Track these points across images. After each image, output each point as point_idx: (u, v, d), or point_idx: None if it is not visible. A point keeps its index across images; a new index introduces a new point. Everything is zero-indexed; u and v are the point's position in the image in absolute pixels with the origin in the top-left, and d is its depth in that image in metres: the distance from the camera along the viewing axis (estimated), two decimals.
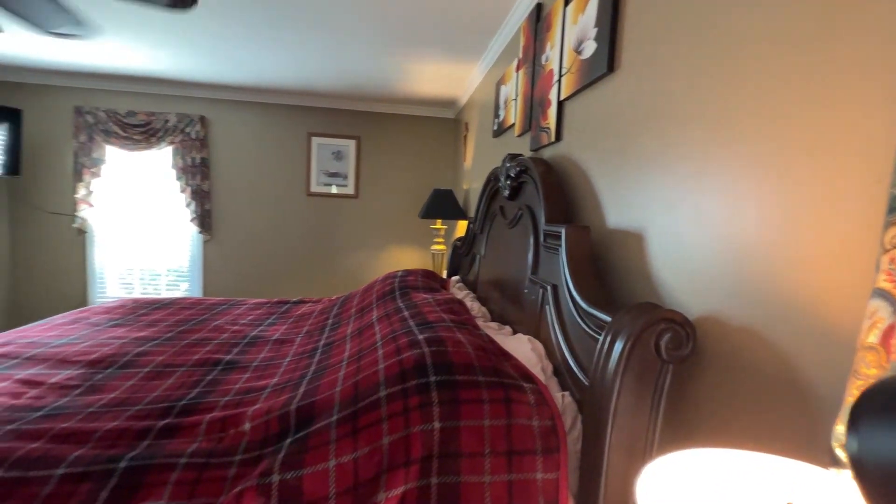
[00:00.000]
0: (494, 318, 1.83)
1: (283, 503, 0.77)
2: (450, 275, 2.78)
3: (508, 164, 1.71)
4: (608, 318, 0.91)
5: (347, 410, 0.92)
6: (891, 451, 0.39)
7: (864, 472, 0.42)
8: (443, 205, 3.18)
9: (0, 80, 3.56)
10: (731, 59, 0.82)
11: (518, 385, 0.97)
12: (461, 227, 3.41)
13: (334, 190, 4.03)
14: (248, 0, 2.13)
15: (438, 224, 3.45)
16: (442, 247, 3.44)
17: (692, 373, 0.88)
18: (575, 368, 1.08)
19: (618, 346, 0.83)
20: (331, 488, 0.80)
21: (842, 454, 0.51)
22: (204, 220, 3.84)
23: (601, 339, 0.88)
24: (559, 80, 1.57)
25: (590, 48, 1.33)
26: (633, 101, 1.15)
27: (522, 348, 1.25)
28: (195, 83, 3.63)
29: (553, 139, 1.62)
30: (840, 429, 0.51)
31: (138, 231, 3.87)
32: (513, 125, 2.18)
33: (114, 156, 3.73)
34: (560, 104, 1.59)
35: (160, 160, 3.80)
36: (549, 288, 1.27)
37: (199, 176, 3.78)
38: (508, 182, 1.72)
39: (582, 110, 1.45)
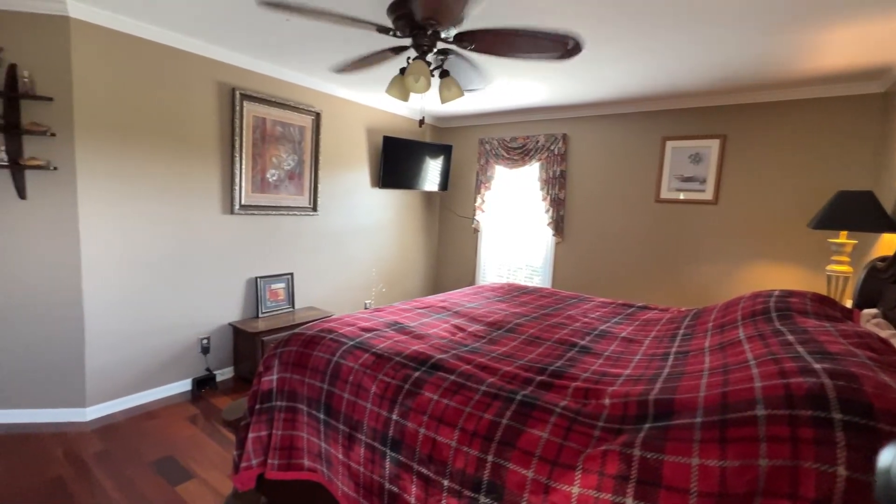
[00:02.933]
0: None
1: (642, 477, 0.83)
2: (859, 305, 2.06)
3: None
4: None
5: (714, 417, 0.88)
6: None
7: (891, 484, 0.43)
8: (854, 212, 2.36)
9: (442, 126, 5.29)
10: None
11: None
12: (886, 241, 2.44)
13: (681, 196, 3.72)
14: (623, 18, 2.28)
15: (843, 237, 2.60)
16: (845, 267, 2.57)
17: None
18: None
19: None
20: (692, 484, 0.79)
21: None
22: (558, 225, 4.39)
23: None
24: None
25: None
26: None
27: None
28: (560, 106, 4.20)
29: None
30: None
31: (509, 232, 4.87)
32: None
33: (499, 172, 4.83)
34: None
35: (529, 174, 4.62)
36: None
37: (557, 186, 4.35)
38: None
39: None
